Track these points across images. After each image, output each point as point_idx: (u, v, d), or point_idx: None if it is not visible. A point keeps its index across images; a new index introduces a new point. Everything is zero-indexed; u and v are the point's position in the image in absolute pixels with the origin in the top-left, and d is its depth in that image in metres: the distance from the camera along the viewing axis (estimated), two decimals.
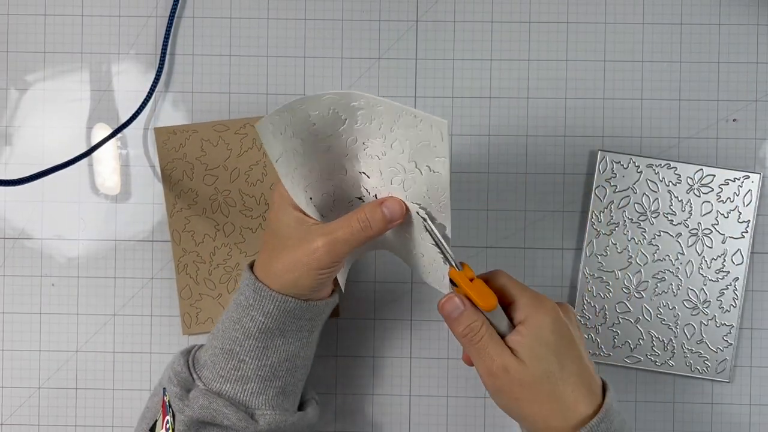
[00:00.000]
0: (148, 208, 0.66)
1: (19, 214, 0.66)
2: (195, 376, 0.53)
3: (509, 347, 0.51)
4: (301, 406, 0.57)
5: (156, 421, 0.54)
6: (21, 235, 0.66)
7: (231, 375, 0.53)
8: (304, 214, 0.52)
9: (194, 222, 0.65)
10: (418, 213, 0.52)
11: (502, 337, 0.52)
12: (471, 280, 0.52)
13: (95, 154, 0.66)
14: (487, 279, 0.53)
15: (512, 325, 0.52)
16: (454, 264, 0.51)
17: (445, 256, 0.51)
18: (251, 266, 0.55)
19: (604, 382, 0.53)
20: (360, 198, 0.55)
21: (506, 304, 0.53)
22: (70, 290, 0.66)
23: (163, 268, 0.66)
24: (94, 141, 0.66)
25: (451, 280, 0.52)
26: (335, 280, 0.57)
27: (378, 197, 0.54)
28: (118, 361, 0.66)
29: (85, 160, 0.65)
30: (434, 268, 0.55)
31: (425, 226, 0.51)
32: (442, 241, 0.51)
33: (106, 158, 0.66)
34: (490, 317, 0.52)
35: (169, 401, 0.53)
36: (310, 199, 0.53)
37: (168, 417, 0.53)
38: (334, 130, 0.50)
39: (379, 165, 0.52)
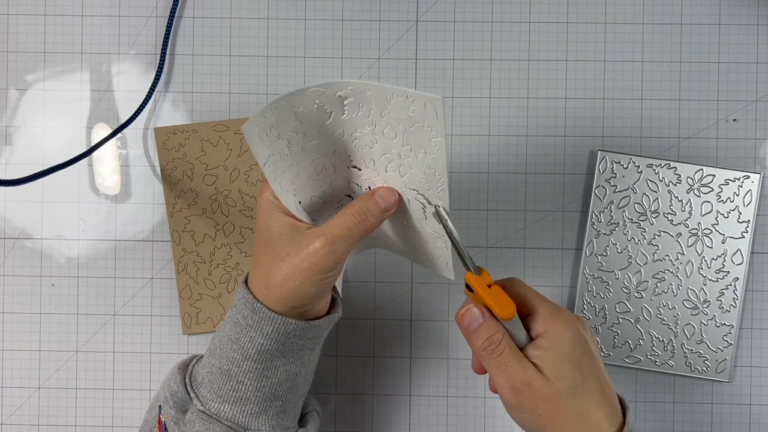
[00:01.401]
0: (148, 208, 0.66)
1: (19, 214, 0.66)
2: (192, 394, 0.51)
3: (531, 361, 0.49)
4: (301, 418, 0.56)
5: None
6: (21, 235, 0.66)
7: (229, 396, 0.51)
8: (296, 218, 0.50)
9: (194, 222, 0.65)
10: (416, 199, 0.50)
11: (520, 349, 0.49)
12: (489, 286, 0.49)
13: (95, 154, 0.66)
14: (504, 286, 0.51)
15: (529, 337, 0.50)
16: (472, 268, 0.49)
17: (462, 259, 0.49)
18: (246, 280, 0.52)
19: (622, 399, 0.51)
20: (350, 196, 0.53)
21: (523, 315, 0.51)
22: (70, 290, 0.66)
23: (163, 268, 0.66)
24: (94, 141, 0.66)
25: (467, 285, 0.50)
26: (333, 290, 0.54)
27: (372, 189, 0.52)
28: (118, 361, 0.66)
29: (85, 160, 0.65)
30: (436, 254, 0.53)
31: (443, 225, 0.49)
32: (460, 243, 0.49)
33: (106, 158, 0.66)
34: (507, 327, 0.49)
35: (165, 423, 0.51)
36: (299, 203, 0.51)
37: None
38: (320, 126, 0.48)
39: (371, 155, 0.50)
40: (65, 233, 0.66)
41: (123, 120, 0.65)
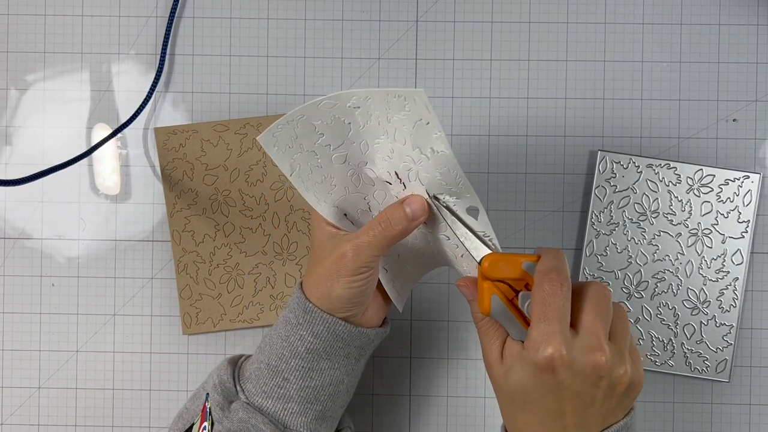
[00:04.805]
0: (148, 208, 0.66)
1: (19, 214, 0.66)
2: (239, 388, 0.53)
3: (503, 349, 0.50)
4: None
5: (193, 424, 0.54)
6: (21, 235, 0.66)
7: (273, 392, 0.53)
8: (335, 227, 0.53)
9: (194, 222, 0.65)
10: (445, 200, 0.51)
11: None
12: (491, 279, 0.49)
13: (95, 154, 0.66)
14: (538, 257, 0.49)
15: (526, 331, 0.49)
16: (474, 257, 0.50)
17: (468, 250, 0.50)
18: (302, 285, 0.55)
19: None
20: None
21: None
22: (70, 290, 0.66)
23: (163, 268, 0.66)
24: (94, 141, 0.66)
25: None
26: (383, 305, 0.55)
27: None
28: (118, 361, 0.66)
29: (85, 160, 0.65)
30: (473, 267, 0.53)
31: (441, 216, 0.51)
32: (458, 234, 0.50)
33: (106, 158, 0.66)
34: (501, 319, 0.49)
35: (210, 408, 0.53)
36: (345, 215, 0.53)
37: (206, 423, 0.53)
38: (344, 138, 0.50)
39: (394, 166, 0.51)
40: (65, 233, 0.66)
41: (123, 120, 0.65)
